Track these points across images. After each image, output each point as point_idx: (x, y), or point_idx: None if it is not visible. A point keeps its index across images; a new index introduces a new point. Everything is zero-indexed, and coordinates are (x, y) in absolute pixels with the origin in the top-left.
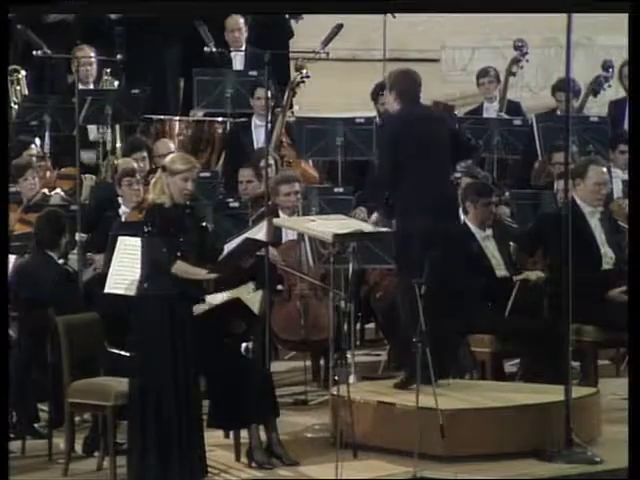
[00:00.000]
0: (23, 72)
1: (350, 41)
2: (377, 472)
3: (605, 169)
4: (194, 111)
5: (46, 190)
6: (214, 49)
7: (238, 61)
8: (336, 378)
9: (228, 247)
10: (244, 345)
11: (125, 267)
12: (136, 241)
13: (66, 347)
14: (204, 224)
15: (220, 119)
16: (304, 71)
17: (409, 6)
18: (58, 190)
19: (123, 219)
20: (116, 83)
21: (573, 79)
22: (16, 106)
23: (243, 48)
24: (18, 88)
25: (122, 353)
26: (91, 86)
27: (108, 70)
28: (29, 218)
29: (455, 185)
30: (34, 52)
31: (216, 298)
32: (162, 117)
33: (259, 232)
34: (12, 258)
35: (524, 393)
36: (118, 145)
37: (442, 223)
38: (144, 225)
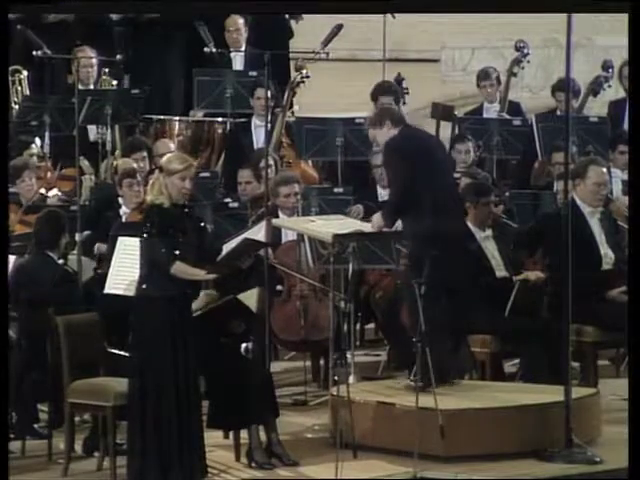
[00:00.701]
0: (25, 72)
1: (350, 41)
2: (377, 472)
3: (605, 169)
4: (194, 111)
5: (43, 190)
6: (214, 49)
7: (238, 61)
8: (336, 378)
9: (227, 247)
10: (244, 345)
11: (125, 267)
12: (136, 241)
13: (66, 347)
14: (203, 224)
15: (220, 119)
16: (304, 71)
17: (409, 6)
18: (55, 191)
19: (124, 219)
20: (114, 82)
21: (573, 79)
22: (17, 106)
23: (243, 48)
24: (20, 89)
25: (122, 353)
26: (91, 87)
27: (106, 70)
28: (29, 219)
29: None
30: (34, 52)
31: None
32: (162, 117)
33: (258, 232)
34: (12, 258)
35: (524, 393)
36: (118, 145)
37: (455, 225)
38: (143, 226)
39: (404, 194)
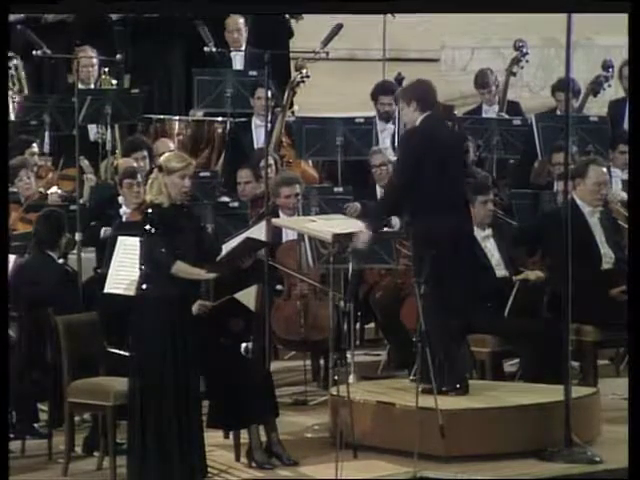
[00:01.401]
0: (19, 60)
1: (350, 41)
2: (377, 472)
3: (605, 169)
4: (194, 111)
5: (42, 189)
6: (214, 49)
7: (238, 61)
8: (336, 378)
9: (227, 247)
10: (244, 345)
11: (125, 267)
12: (136, 241)
13: (66, 347)
14: (203, 224)
15: (220, 119)
16: (304, 71)
17: (409, 6)
18: (55, 188)
19: (124, 219)
20: (114, 82)
21: (573, 79)
22: (12, 95)
23: (243, 48)
24: (14, 74)
25: (122, 353)
26: (92, 86)
27: (106, 70)
28: (30, 217)
29: None
30: (34, 52)
31: None
32: (162, 117)
33: (259, 232)
34: (12, 258)
35: (524, 393)
36: (118, 145)
37: (461, 226)
38: (143, 225)
39: (401, 191)
